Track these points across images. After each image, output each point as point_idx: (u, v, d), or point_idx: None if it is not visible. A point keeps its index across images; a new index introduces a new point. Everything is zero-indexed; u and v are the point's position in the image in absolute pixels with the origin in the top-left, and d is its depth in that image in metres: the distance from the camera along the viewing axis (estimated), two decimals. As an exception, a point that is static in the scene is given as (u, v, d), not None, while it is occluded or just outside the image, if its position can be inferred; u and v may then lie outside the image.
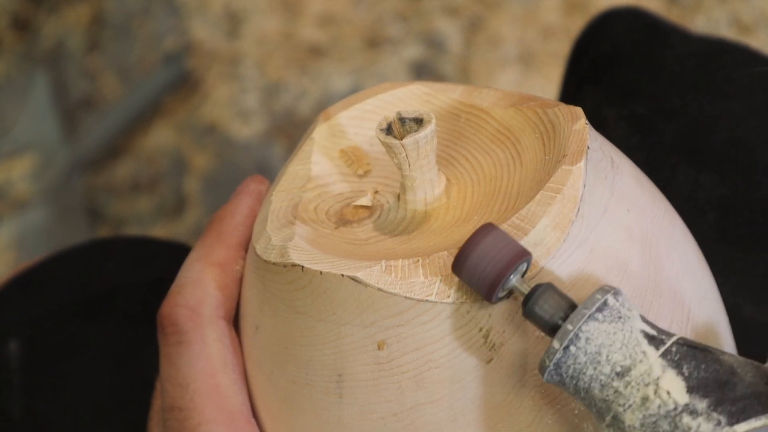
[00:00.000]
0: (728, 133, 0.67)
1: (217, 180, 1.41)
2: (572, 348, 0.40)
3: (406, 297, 0.43)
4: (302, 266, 0.45)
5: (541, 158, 0.48)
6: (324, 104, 1.44)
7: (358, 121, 0.53)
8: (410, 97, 0.53)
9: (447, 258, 0.44)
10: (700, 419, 0.39)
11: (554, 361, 0.41)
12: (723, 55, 0.73)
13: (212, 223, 0.52)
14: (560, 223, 0.44)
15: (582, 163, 0.45)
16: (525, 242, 0.43)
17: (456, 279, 0.43)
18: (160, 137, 1.46)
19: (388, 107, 0.53)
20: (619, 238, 0.45)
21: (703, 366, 0.40)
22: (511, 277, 0.42)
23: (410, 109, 0.48)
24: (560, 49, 1.41)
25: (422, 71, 1.45)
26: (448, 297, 0.43)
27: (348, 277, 0.44)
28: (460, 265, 0.42)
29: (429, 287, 0.43)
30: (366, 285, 0.43)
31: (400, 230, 0.49)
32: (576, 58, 0.83)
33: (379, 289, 0.43)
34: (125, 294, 0.74)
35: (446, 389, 0.44)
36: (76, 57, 1.53)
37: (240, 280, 0.51)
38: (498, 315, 0.43)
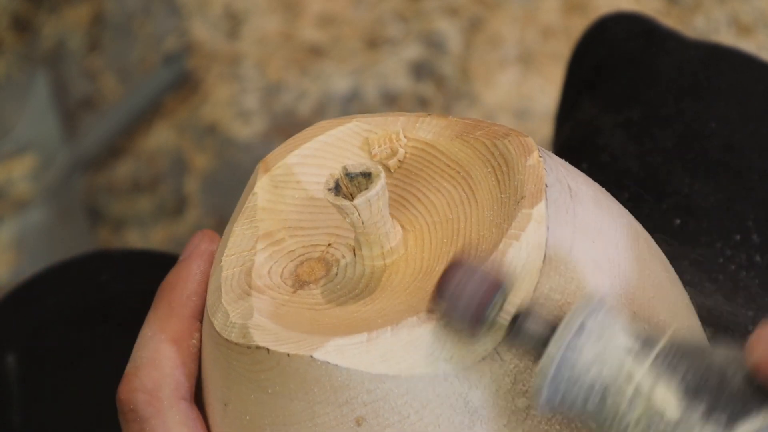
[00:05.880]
0: (723, 139, 0.67)
1: (217, 180, 1.41)
2: (559, 374, 0.40)
3: (379, 374, 0.42)
4: (267, 349, 0.43)
5: (497, 197, 0.46)
6: (324, 104, 1.45)
7: (299, 168, 0.50)
8: (350, 135, 0.50)
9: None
10: (697, 428, 0.38)
11: (545, 388, 0.40)
12: (719, 61, 0.73)
13: (163, 292, 0.49)
14: (529, 271, 0.42)
15: (542, 205, 0.43)
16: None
17: (424, 344, 0.41)
18: (161, 137, 1.46)
19: (328, 149, 0.50)
20: (586, 274, 0.44)
21: (692, 372, 0.39)
22: (495, 298, 0.41)
23: (356, 163, 0.46)
24: (560, 49, 1.41)
25: (422, 72, 1.45)
26: (422, 367, 0.41)
27: (317, 359, 0.42)
28: (441, 299, 0.41)
29: (401, 359, 0.42)
30: (336, 366, 0.42)
31: (361, 289, 0.47)
32: (574, 66, 0.83)
33: (350, 369, 0.42)
34: (120, 304, 0.73)
35: None
36: (76, 57, 1.53)
37: (197, 354, 0.48)
38: (476, 380, 0.42)
